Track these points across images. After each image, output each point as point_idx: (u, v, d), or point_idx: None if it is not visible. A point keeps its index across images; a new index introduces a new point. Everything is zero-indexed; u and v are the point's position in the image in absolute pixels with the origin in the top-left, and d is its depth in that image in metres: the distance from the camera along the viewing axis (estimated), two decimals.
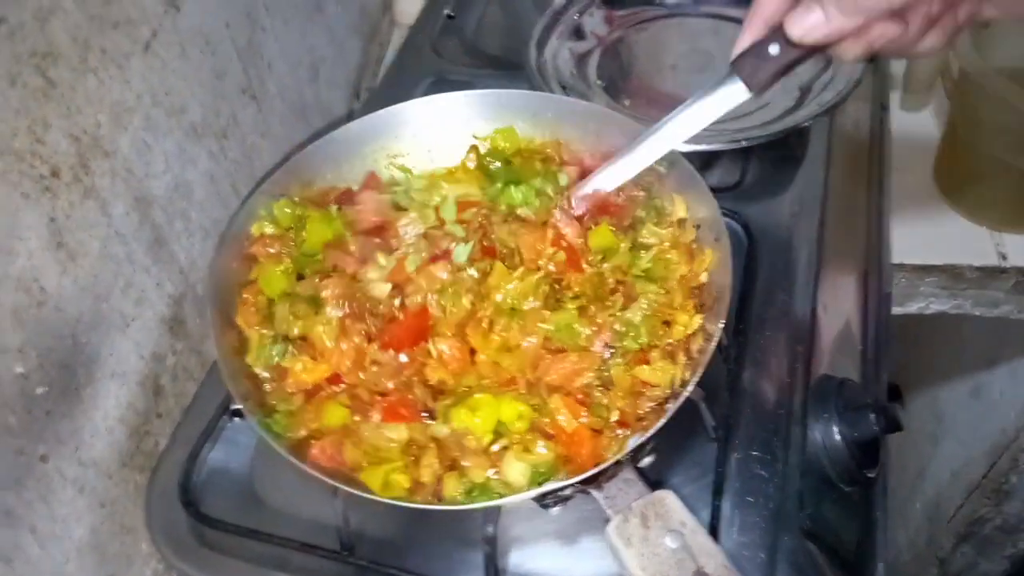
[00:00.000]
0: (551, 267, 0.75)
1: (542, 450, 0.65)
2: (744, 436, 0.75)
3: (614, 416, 0.66)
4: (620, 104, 1.04)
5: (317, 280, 0.77)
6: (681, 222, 0.78)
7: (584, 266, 0.76)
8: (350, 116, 0.90)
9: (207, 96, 0.91)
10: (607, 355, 0.70)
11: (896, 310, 1.11)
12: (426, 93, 0.90)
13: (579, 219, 0.79)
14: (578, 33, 1.14)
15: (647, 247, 0.77)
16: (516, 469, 0.64)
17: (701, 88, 0.70)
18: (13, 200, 0.65)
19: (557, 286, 0.75)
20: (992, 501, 1.44)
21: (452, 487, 0.65)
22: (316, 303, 0.75)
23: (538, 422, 0.67)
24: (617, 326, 0.71)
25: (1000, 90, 0.94)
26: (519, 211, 0.81)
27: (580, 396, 0.68)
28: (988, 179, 1.06)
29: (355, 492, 0.64)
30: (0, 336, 0.65)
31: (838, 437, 0.75)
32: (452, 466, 0.67)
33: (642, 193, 0.81)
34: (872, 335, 0.88)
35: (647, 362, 0.69)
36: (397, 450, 0.67)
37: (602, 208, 0.81)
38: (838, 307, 0.88)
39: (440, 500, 0.65)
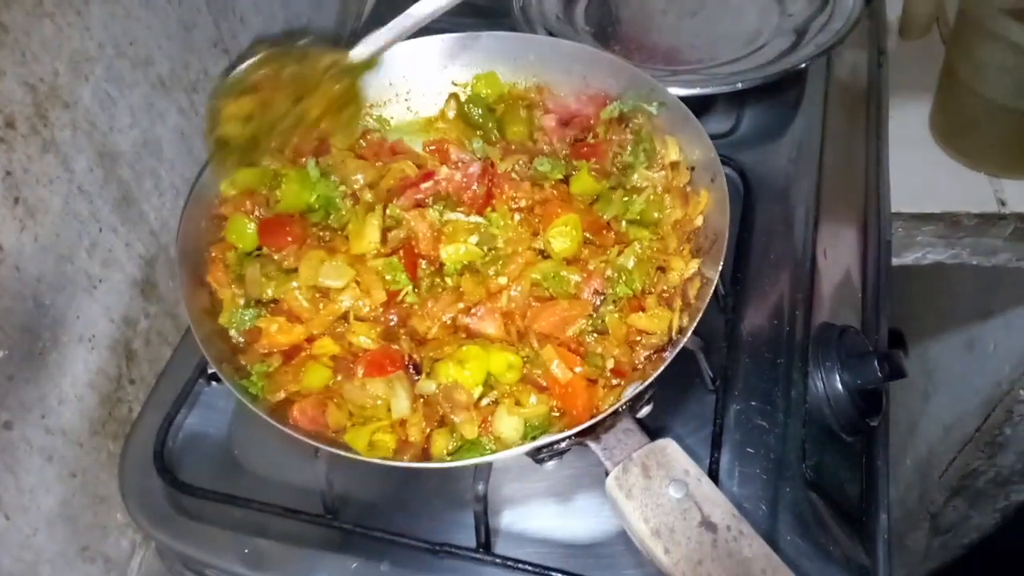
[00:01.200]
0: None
1: (535, 403, 0.62)
2: (743, 386, 0.73)
3: (609, 365, 0.64)
4: (609, 50, 1.00)
5: None
6: (674, 165, 0.75)
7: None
8: None
9: (175, 48, 0.86)
10: (597, 302, 0.67)
11: (892, 261, 1.08)
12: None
13: None
14: None
15: (639, 191, 0.74)
16: (508, 423, 0.61)
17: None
18: None
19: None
20: (986, 454, 1.43)
21: (441, 444, 0.62)
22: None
23: (530, 374, 0.64)
24: (609, 272, 0.68)
25: (1001, 28, 0.90)
26: None
27: (574, 346, 0.65)
28: (987, 124, 1.02)
29: (338, 453, 0.61)
30: None
31: (840, 385, 0.72)
32: (441, 423, 0.64)
33: (629, 136, 0.78)
34: (872, 282, 0.85)
35: (642, 309, 0.66)
36: (383, 408, 0.64)
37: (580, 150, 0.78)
38: (838, 254, 0.85)
39: (429, 458, 0.62)
